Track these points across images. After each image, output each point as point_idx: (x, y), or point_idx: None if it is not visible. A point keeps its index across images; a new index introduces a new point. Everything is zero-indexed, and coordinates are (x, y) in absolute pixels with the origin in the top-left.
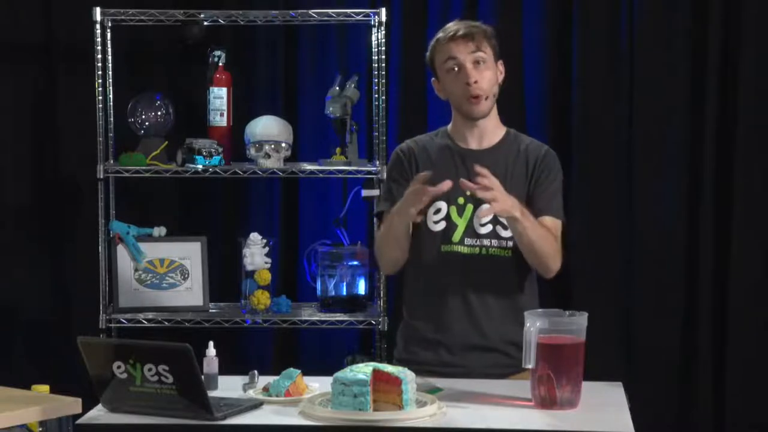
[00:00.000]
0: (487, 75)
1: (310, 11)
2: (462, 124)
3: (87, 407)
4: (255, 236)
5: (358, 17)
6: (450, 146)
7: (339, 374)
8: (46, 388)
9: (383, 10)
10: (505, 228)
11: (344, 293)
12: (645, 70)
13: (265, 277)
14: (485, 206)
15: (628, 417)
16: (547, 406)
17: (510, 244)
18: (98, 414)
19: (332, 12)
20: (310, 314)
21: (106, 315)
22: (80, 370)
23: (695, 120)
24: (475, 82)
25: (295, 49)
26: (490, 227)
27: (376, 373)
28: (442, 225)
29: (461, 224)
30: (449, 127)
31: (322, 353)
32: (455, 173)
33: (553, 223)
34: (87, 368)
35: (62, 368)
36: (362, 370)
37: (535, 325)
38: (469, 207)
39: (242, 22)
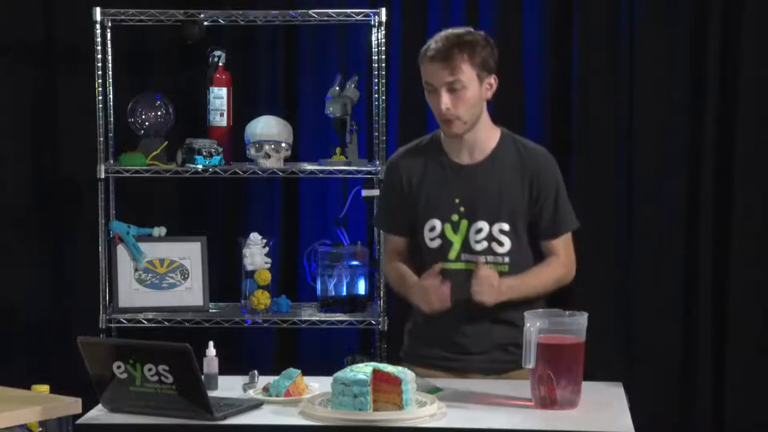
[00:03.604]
0: (464, 98)
1: (310, 11)
2: (446, 135)
3: (87, 407)
4: (255, 236)
5: (358, 17)
6: (443, 161)
7: (339, 374)
8: (46, 388)
9: (383, 10)
10: (500, 244)
11: (344, 293)
12: (645, 70)
13: (265, 277)
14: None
15: (628, 417)
16: (547, 406)
17: (506, 259)
18: (98, 414)
19: (332, 12)
20: (310, 314)
21: (106, 315)
22: (80, 370)
23: (695, 120)
24: (447, 108)
25: (295, 49)
26: (485, 244)
27: (376, 373)
28: (438, 242)
29: (457, 241)
30: (442, 134)
31: (322, 353)
32: (449, 189)
33: (564, 242)
34: (87, 368)
35: (62, 368)
36: (362, 370)
37: (535, 325)
38: (464, 223)
39: (242, 22)
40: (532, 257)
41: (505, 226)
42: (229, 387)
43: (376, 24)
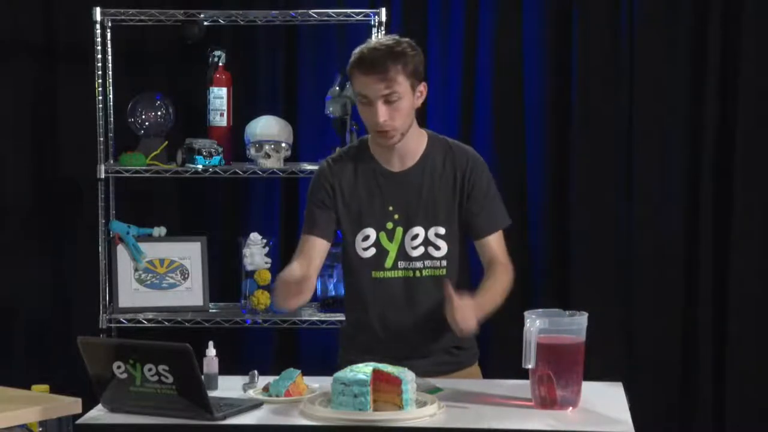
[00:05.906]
0: (400, 109)
1: (310, 11)
2: (379, 145)
3: (87, 407)
4: (255, 236)
5: (358, 17)
6: (374, 169)
7: (339, 374)
8: (46, 388)
9: (383, 10)
10: (436, 248)
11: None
12: (645, 70)
13: (265, 277)
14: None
15: (628, 417)
16: (547, 406)
17: (443, 263)
18: (98, 414)
19: (332, 12)
20: (310, 314)
21: (106, 315)
22: (80, 370)
23: (695, 120)
24: (384, 120)
25: (295, 49)
26: (422, 249)
27: (376, 373)
28: (372, 251)
29: (392, 249)
30: (371, 142)
31: (322, 353)
32: (382, 197)
33: (497, 240)
34: (87, 368)
35: (62, 368)
36: (362, 370)
37: (535, 325)
38: (399, 230)
39: (242, 22)
40: (468, 261)
41: (441, 230)
42: (229, 387)
43: (376, 24)
